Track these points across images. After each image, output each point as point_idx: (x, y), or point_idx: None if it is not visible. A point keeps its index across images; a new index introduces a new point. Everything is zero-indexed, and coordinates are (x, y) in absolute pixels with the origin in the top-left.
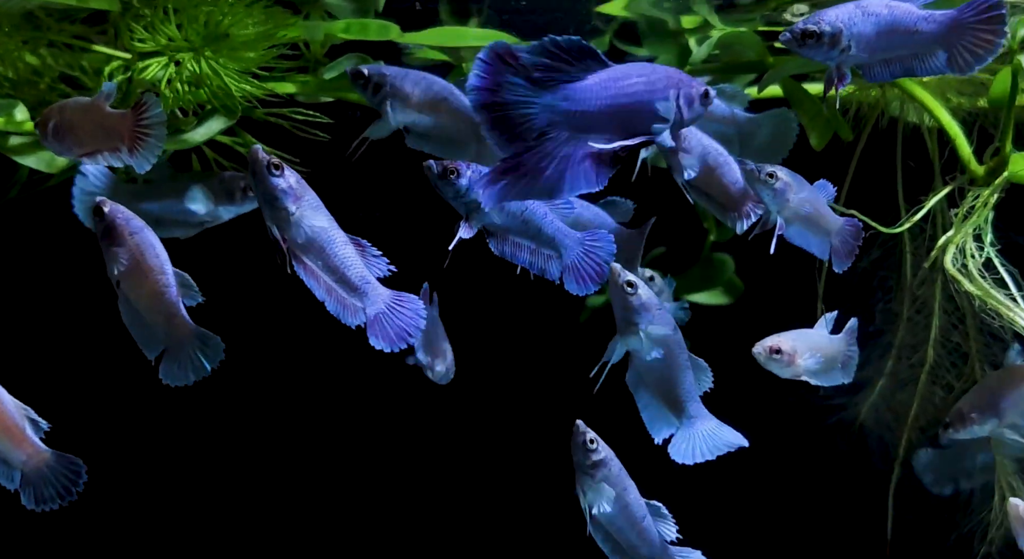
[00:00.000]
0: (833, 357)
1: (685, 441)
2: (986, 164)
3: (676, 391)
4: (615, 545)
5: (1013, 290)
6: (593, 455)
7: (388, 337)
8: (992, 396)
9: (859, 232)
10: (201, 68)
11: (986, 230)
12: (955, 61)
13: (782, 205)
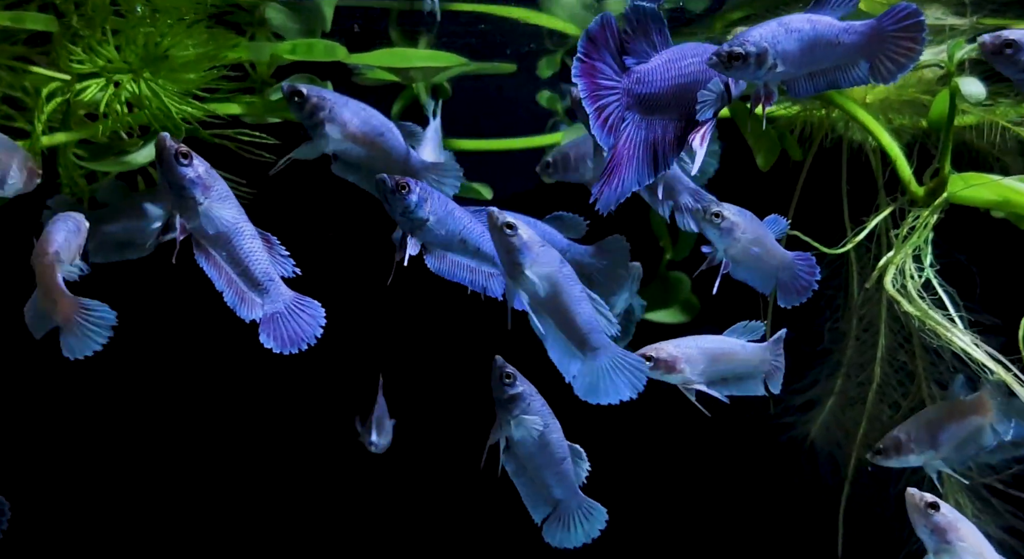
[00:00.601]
0: (747, 366)
1: (588, 376)
2: (926, 185)
3: (575, 324)
4: (528, 481)
5: (951, 310)
6: (509, 389)
7: (281, 338)
8: (931, 428)
9: (812, 268)
10: (140, 89)
11: (926, 251)
12: (877, 70)
13: (729, 244)
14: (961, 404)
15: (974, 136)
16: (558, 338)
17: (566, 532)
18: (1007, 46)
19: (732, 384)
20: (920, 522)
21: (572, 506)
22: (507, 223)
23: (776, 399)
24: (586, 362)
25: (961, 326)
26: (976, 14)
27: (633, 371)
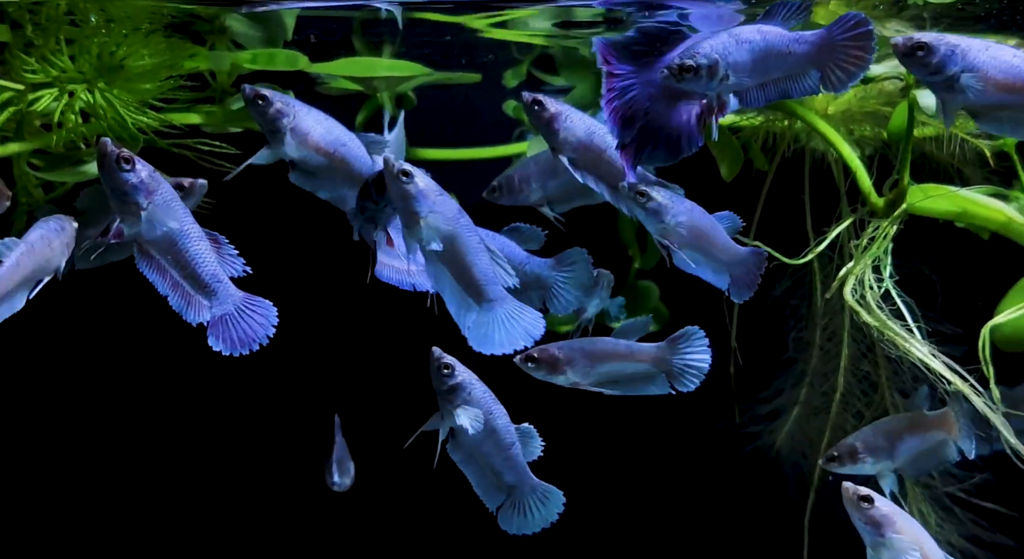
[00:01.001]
0: (638, 367)
1: (483, 326)
2: (885, 196)
3: (471, 275)
4: (478, 469)
5: (909, 321)
6: (449, 380)
7: (230, 340)
8: (890, 438)
9: (762, 262)
10: (95, 100)
11: (885, 261)
12: (828, 80)
13: (659, 229)
14: (925, 417)
15: (934, 147)
16: (455, 289)
17: (523, 518)
18: (919, 49)
19: (626, 385)
20: (856, 516)
21: (526, 491)
22: (403, 170)
23: (742, 409)
24: (481, 313)
25: (919, 336)
26: (935, 27)
27: (528, 322)
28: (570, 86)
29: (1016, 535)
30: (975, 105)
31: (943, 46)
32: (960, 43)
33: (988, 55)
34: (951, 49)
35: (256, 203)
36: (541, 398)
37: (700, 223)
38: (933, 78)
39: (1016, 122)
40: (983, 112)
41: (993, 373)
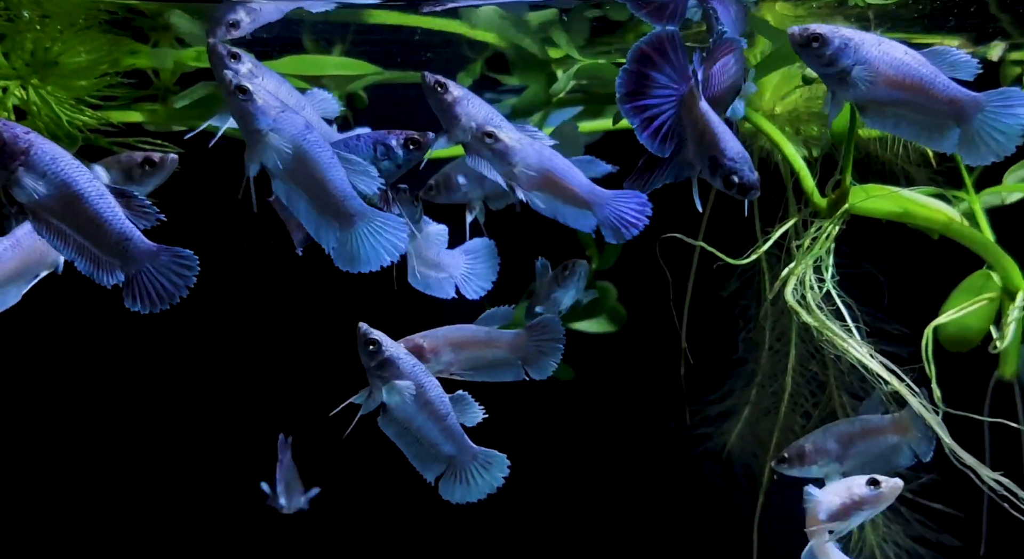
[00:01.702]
0: (498, 353)
1: (346, 244)
2: (828, 197)
3: (328, 192)
4: (413, 442)
5: (848, 321)
6: (377, 356)
7: (147, 297)
8: (841, 442)
9: (644, 205)
10: (29, 96)
11: (827, 261)
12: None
13: (505, 171)
14: (879, 421)
15: (879, 147)
16: (311, 210)
17: (465, 487)
18: (813, 40)
19: (485, 371)
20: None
21: (467, 460)
22: (240, 86)
23: (693, 410)
24: (343, 231)
25: (858, 337)
26: (880, 27)
27: (392, 233)
28: (523, 86)
29: (961, 535)
30: (863, 99)
31: (837, 38)
32: (854, 37)
33: (880, 50)
34: (845, 42)
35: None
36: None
37: (552, 166)
38: (826, 70)
39: (899, 119)
40: (870, 107)
41: (935, 373)
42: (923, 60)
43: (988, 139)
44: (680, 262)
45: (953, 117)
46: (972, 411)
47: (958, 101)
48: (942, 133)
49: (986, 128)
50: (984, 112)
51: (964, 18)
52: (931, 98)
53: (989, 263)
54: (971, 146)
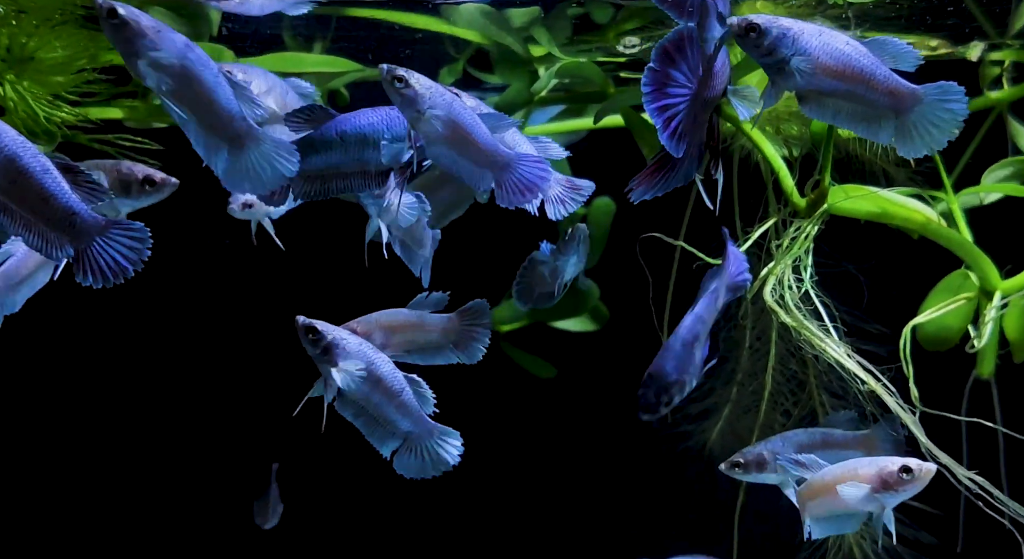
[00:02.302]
0: (430, 336)
1: (236, 164)
2: (807, 197)
3: (214, 113)
4: (370, 421)
5: (826, 321)
6: (319, 343)
7: (100, 272)
8: (800, 452)
9: (544, 172)
10: (4, 92)
11: (805, 261)
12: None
13: (412, 117)
14: (842, 436)
15: (858, 147)
16: (199, 131)
17: (420, 462)
18: (751, 30)
19: (418, 355)
20: None
21: (423, 435)
22: (110, 9)
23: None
24: (232, 152)
25: (836, 336)
26: (858, 28)
27: (282, 160)
28: (506, 84)
29: (939, 533)
30: (803, 89)
31: (775, 28)
32: (793, 27)
33: (820, 41)
34: (783, 32)
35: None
36: (473, 397)
37: (460, 119)
38: (765, 60)
39: (839, 110)
40: (809, 97)
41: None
42: (864, 51)
43: (923, 132)
44: (662, 261)
45: (892, 109)
46: (950, 410)
47: (898, 93)
48: (880, 124)
49: (923, 121)
50: (922, 105)
51: (942, 18)
52: (871, 89)
53: (967, 263)
54: (906, 138)
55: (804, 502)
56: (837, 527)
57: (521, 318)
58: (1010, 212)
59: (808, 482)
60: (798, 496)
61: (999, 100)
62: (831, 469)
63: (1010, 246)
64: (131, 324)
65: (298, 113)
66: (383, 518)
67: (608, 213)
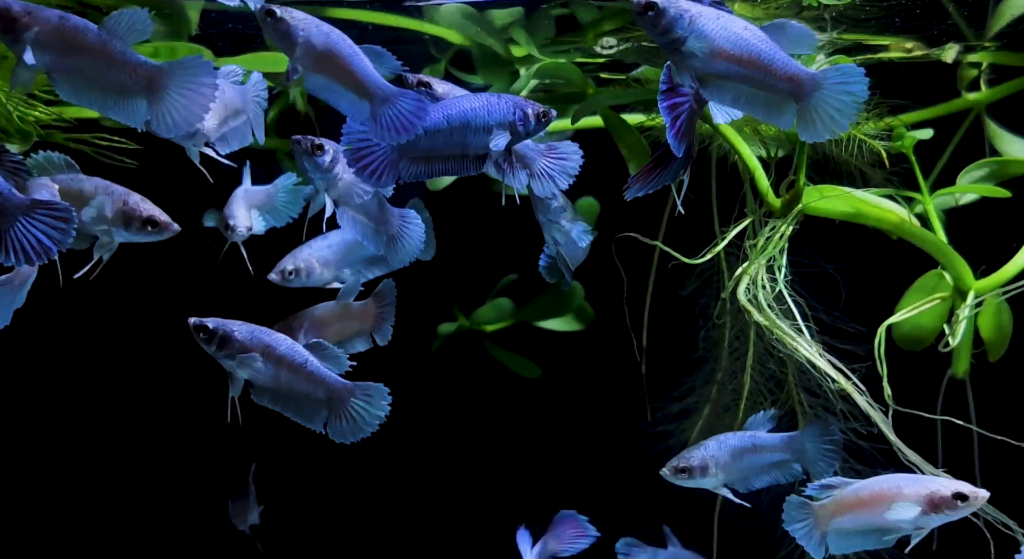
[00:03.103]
0: (352, 325)
1: (154, 108)
2: (782, 197)
3: (108, 63)
4: (288, 400)
5: (800, 320)
6: (212, 341)
7: (22, 252)
8: (734, 455)
9: (421, 109)
10: None
11: (780, 261)
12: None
13: (286, 47)
14: (770, 440)
15: (834, 148)
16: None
17: (352, 423)
18: (649, 9)
19: (346, 344)
20: None
21: (346, 398)
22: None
23: (654, 407)
24: (151, 96)
25: (808, 335)
26: (836, 29)
27: (200, 97)
28: (487, 85)
29: None
30: (702, 72)
31: (672, 9)
32: (691, 9)
33: (718, 24)
34: (680, 13)
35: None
36: (458, 397)
37: (337, 49)
38: (662, 39)
39: (739, 94)
40: (709, 80)
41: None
42: (763, 36)
43: (824, 116)
44: (643, 261)
45: (791, 94)
46: (926, 410)
47: (797, 78)
48: (780, 109)
49: (823, 106)
50: (822, 90)
51: (918, 20)
52: (770, 74)
53: (941, 263)
54: (808, 123)
55: (829, 516)
56: (861, 543)
57: (506, 318)
58: (986, 213)
59: (838, 496)
60: (819, 510)
61: (977, 102)
62: (863, 485)
63: (986, 247)
64: (108, 325)
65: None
66: (369, 517)
67: (592, 213)
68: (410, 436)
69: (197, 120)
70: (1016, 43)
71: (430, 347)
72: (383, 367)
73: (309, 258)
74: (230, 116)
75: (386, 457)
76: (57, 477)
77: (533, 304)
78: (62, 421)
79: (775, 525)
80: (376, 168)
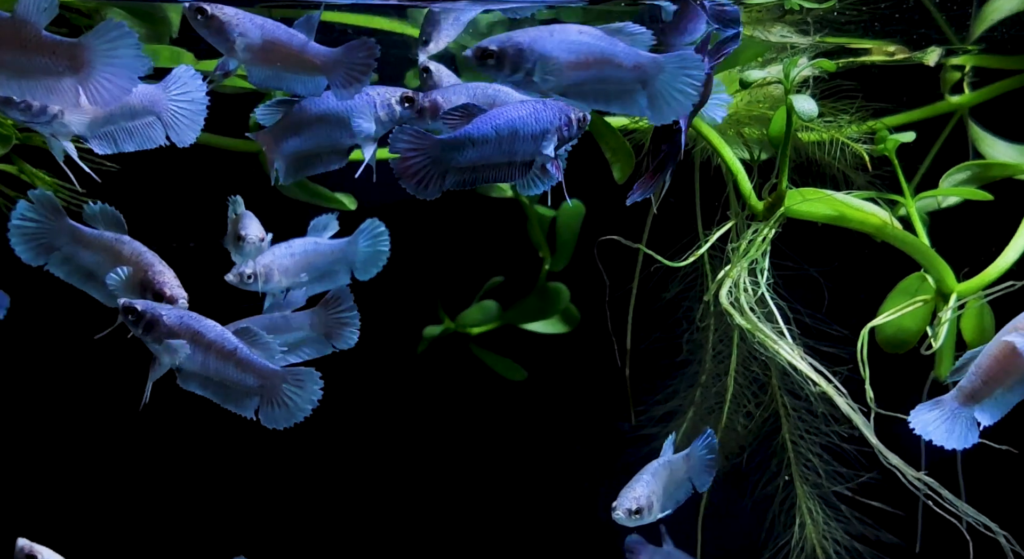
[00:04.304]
0: (302, 334)
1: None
2: (765, 200)
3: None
4: (218, 387)
5: (780, 324)
6: (139, 323)
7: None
8: (664, 486)
9: (368, 64)
10: None
11: (762, 264)
12: (654, 105)
13: (226, 47)
14: (679, 461)
15: (817, 151)
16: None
17: (284, 410)
18: (487, 56)
19: (295, 351)
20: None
21: (277, 385)
22: None
23: (638, 411)
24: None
25: (789, 338)
26: (818, 33)
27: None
28: None
29: (901, 533)
30: (558, 88)
31: (511, 48)
32: (526, 38)
33: (555, 41)
34: (518, 47)
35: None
36: (444, 399)
37: (274, 36)
38: (512, 78)
39: (597, 94)
40: (569, 92)
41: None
42: (600, 34)
43: (670, 99)
44: (627, 264)
45: (639, 81)
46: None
47: (641, 65)
48: (632, 97)
49: (667, 89)
50: (664, 73)
51: (900, 24)
52: (618, 68)
53: (923, 266)
54: (656, 107)
55: (968, 396)
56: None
57: (492, 320)
58: (969, 215)
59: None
60: (953, 399)
61: (960, 105)
62: (987, 350)
63: (970, 249)
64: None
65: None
66: (355, 519)
67: (577, 216)
68: (395, 439)
69: (131, 84)
70: (999, 46)
71: (415, 350)
72: (368, 370)
73: (270, 264)
74: (121, 114)
75: (372, 460)
76: (50, 478)
77: (519, 306)
78: (45, 427)
79: (759, 527)
80: (423, 178)
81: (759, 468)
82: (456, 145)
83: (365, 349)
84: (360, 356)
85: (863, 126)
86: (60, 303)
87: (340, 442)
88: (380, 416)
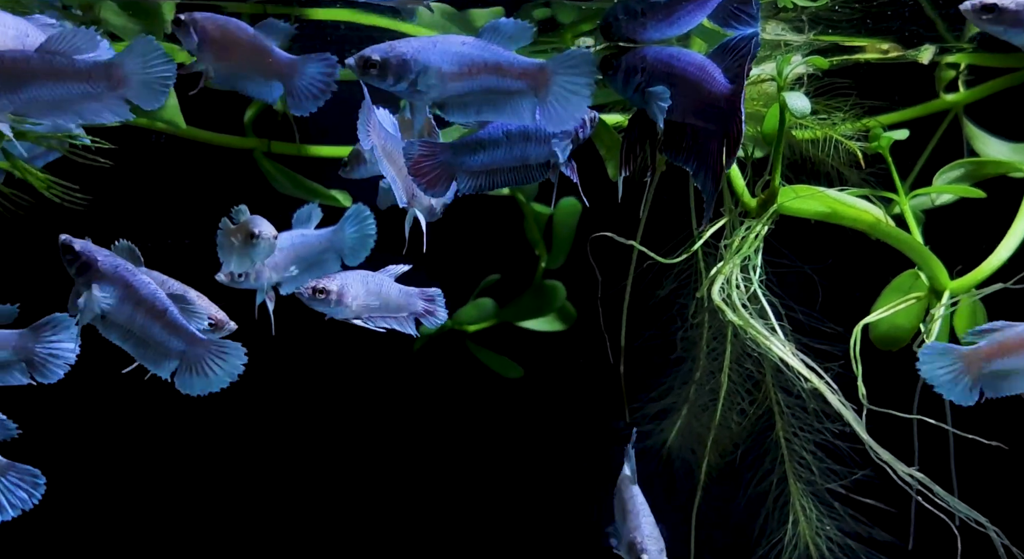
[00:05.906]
0: (394, 305)
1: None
2: (758, 197)
3: None
4: (139, 342)
5: (772, 320)
6: (74, 263)
7: None
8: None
9: (332, 71)
10: None
11: (755, 261)
12: (546, 112)
13: (191, 46)
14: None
15: (812, 149)
16: None
17: (204, 378)
18: (370, 66)
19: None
20: None
21: (200, 352)
22: None
23: (632, 408)
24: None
25: (781, 335)
26: (812, 31)
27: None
28: None
29: (894, 530)
30: (440, 99)
31: (393, 58)
32: (407, 48)
33: (438, 51)
34: (401, 58)
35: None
36: (440, 397)
37: (235, 36)
38: (396, 88)
39: (481, 105)
40: (449, 103)
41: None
42: (483, 44)
43: (565, 101)
44: (622, 261)
45: (531, 88)
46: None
47: (530, 72)
48: (520, 106)
49: (561, 91)
50: (557, 76)
51: (893, 21)
52: (503, 77)
53: (916, 263)
54: (550, 113)
55: (982, 360)
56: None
57: (488, 318)
58: (963, 213)
59: (998, 337)
60: (968, 354)
61: (955, 102)
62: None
63: (963, 246)
64: None
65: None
66: (351, 516)
67: (574, 214)
68: (392, 436)
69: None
70: (993, 44)
71: (412, 347)
72: (365, 367)
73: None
74: None
75: (369, 457)
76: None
77: (515, 304)
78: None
79: (751, 525)
80: (433, 178)
81: (753, 465)
82: (466, 148)
83: (362, 346)
84: (357, 353)
85: (857, 124)
86: (60, 303)
87: (337, 439)
88: (377, 413)
